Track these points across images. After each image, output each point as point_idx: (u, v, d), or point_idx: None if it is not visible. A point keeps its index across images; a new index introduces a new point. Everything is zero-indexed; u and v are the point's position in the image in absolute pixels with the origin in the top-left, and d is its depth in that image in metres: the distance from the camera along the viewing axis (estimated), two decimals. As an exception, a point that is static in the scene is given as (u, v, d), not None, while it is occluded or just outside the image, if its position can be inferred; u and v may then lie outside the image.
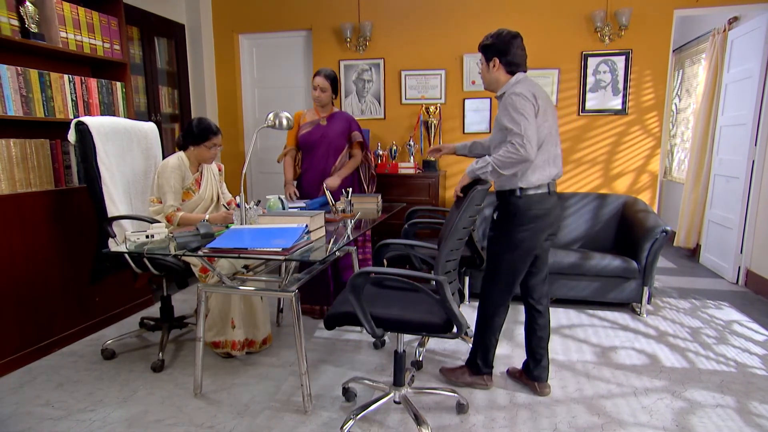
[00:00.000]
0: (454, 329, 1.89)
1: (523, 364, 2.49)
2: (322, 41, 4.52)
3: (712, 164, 4.68)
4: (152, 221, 2.59)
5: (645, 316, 3.42)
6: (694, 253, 5.14)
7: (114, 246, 2.61)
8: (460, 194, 2.15)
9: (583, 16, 4.02)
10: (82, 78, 3.07)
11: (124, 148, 2.92)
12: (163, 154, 3.14)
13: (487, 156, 2.15)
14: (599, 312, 3.50)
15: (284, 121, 2.53)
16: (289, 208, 2.88)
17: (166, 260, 2.60)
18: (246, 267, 2.73)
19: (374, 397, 2.25)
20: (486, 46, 2.28)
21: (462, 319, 1.86)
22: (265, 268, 2.84)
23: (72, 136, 2.70)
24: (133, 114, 3.43)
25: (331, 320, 2.00)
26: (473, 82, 4.24)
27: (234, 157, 4.88)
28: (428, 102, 4.34)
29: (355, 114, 4.54)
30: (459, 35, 4.22)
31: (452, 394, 2.30)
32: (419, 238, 3.22)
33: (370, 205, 3.17)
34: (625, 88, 4.03)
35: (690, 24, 5.48)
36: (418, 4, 4.29)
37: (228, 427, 2.13)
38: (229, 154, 4.90)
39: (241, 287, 2.37)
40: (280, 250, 1.97)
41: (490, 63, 2.27)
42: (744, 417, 2.22)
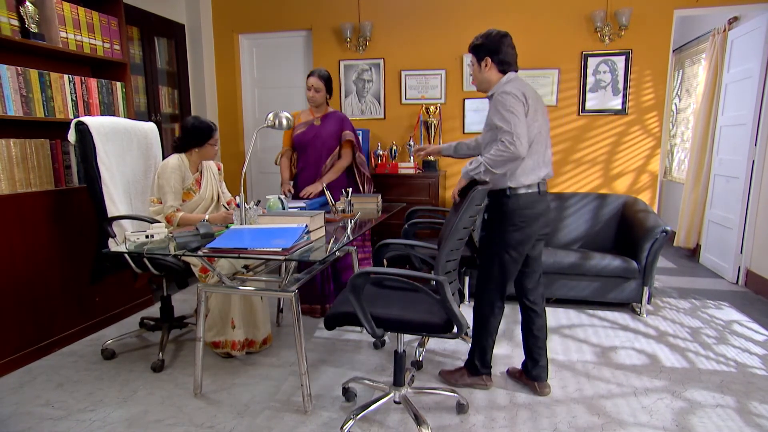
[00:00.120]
0: (454, 329, 1.89)
1: (522, 365, 2.49)
2: (322, 41, 4.52)
3: (712, 164, 4.68)
4: (152, 221, 2.59)
5: (645, 316, 3.42)
6: (694, 253, 5.14)
7: (114, 246, 2.61)
8: (458, 198, 2.15)
9: (583, 16, 4.02)
10: (82, 78, 3.07)
11: (124, 148, 2.92)
12: (163, 154, 3.14)
13: (479, 156, 2.15)
14: (599, 312, 3.50)
15: (284, 121, 2.54)
16: (289, 208, 2.88)
17: (166, 260, 2.60)
18: (246, 267, 2.73)
19: (374, 397, 2.25)
20: (477, 47, 2.29)
21: (462, 319, 1.86)
22: (265, 268, 2.84)
23: (72, 136, 2.70)
24: (133, 114, 3.43)
25: (331, 320, 2.00)
26: (473, 82, 4.23)
27: (234, 157, 4.88)
28: (428, 102, 4.34)
29: (355, 114, 4.55)
30: (459, 35, 4.22)
31: (452, 394, 2.30)
32: (419, 238, 3.22)
33: (370, 205, 3.17)
34: (625, 88, 4.03)
35: (690, 24, 5.48)
36: (418, 4, 4.29)
37: (228, 427, 2.13)
38: (229, 154, 4.90)
39: (241, 287, 2.37)
40: (280, 250, 1.97)
41: (482, 63, 2.29)
42: (744, 417, 2.22)
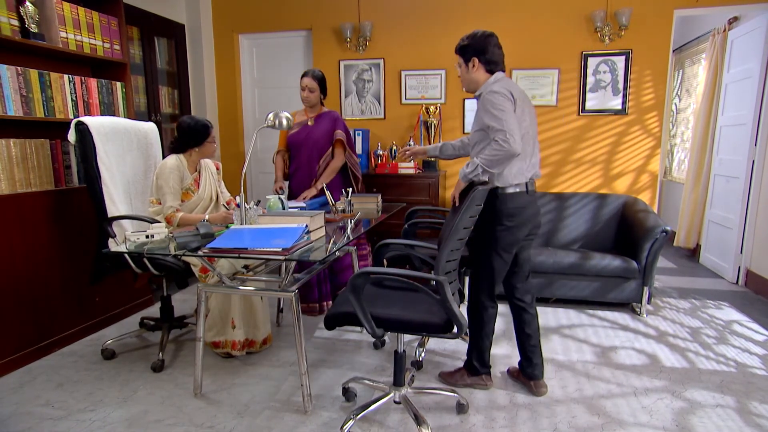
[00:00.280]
0: (455, 329, 1.89)
1: (519, 364, 2.50)
2: (322, 41, 4.52)
3: (712, 164, 4.68)
4: (152, 221, 2.59)
5: (645, 316, 3.42)
6: (694, 253, 5.14)
7: (114, 246, 2.61)
8: (457, 201, 2.14)
9: (583, 16, 4.02)
10: (82, 78, 3.07)
11: (124, 148, 2.92)
12: (163, 154, 3.14)
13: (475, 158, 2.15)
14: (599, 312, 3.50)
15: (284, 121, 2.54)
16: (290, 208, 2.88)
17: (166, 260, 2.60)
18: (246, 267, 2.73)
19: (374, 397, 2.25)
20: (463, 48, 2.30)
21: (462, 319, 1.86)
22: (265, 268, 2.84)
23: (72, 136, 2.70)
24: (133, 114, 3.43)
25: (331, 320, 2.00)
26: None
27: (234, 157, 4.88)
28: (428, 102, 4.34)
29: (355, 114, 4.55)
30: (459, 35, 4.10)
31: (452, 394, 2.30)
32: (419, 238, 3.22)
33: (370, 205, 3.17)
34: (625, 88, 4.03)
35: (690, 24, 5.48)
36: (418, 4, 4.29)
37: (228, 427, 2.13)
38: (229, 154, 4.91)
39: (241, 287, 2.37)
40: (280, 250, 1.97)
41: (469, 63, 2.30)
42: (744, 417, 2.22)
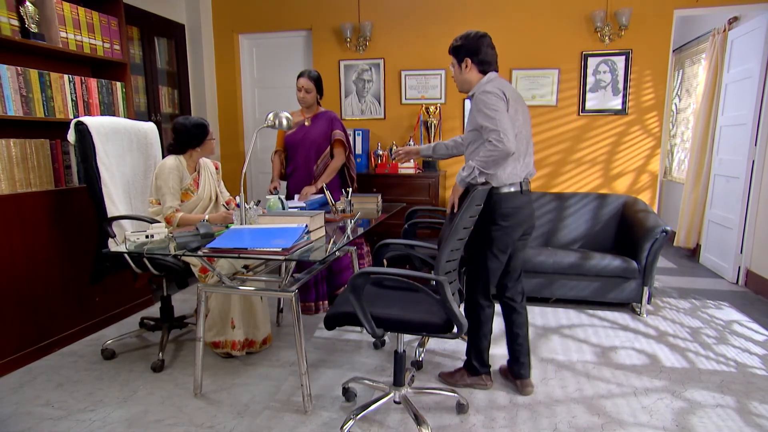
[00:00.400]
0: (455, 329, 1.89)
1: (507, 362, 2.50)
2: (322, 41, 4.52)
3: (712, 164, 4.68)
4: (152, 221, 2.59)
5: (645, 316, 3.42)
6: (694, 253, 5.14)
7: (114, 246, 2.61)
8: (456, 207, 2.13)
9: (583, 16, 4.02)
10: (82, 78, 3.07)
11: (124, 148, 2.92)
12: (163, 154, 3.14)
13: (471, 161, 2.15)
14: (599, 312, 3.50)
15: (284, 121, 2.54)
16: (290, 208, 2.88)
17: (166, 260, 2.60)
18: (246, 267, 2.73)
19: (374, 397, 2.25)
20: (456, 48, 2.29)
21: (462, 319, 1.86)
22: (265, 268, 2.84)
23: (72, 136, 2.70)
24: (133, 114, 3.43)
25: (331, 320, 2.00)
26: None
27: (234, 157, 4.88)
28: (428, 102, 4.34)
29: (355, 114, 4.55)
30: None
31: (452, 394, 2.30)
32: (419, 238, 3.22)
33: (370, 205, 3.17)
34: (625, 88, 4.03)
35: (690, 24, 5.48)
36: (418, 4, 4.29)
37: (228, 427, 2.13)
38: (229, 154, 4.90)
39: (241, 287, 2.37)
40: (280, 250, 1.97)
41: (462, 64, 2.29)
42: (744, 417, 2.22)
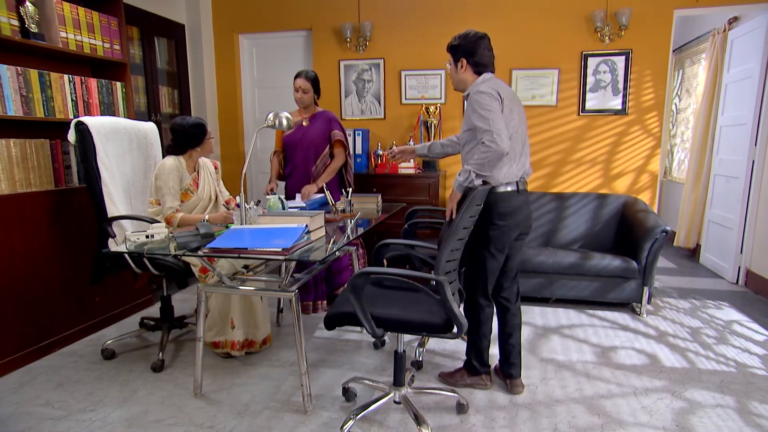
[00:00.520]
0: (455, 329, 1.89)
1: (499, 361, 2.51)
2: (322, 41, 4.52)
3: (712, 164, 4.68)
4: (152, 221, 2.59)
5: (645, 316, 3.42)
6: (694, 253, 5.14)
7: (114, 246, 2.61)
8: (455, 214, 2.10)
9: (583, 16, 4.02)
10: (82, 78, 3.07)
11: (124, 148, 2.92)
12: (163, 155, 3.14)
13: (466, 165, 2.16)
14: (599, 312, 3.50)
15: (284, 121, 2.54)
16: (290, 208, 2.87)
17: (166, 260, 2.60)
18: (246, 267, 2.73)
19: (374, 397, 2.25)
20: (453, 47, 2.29)
21: (462, 319, 1.86)
22: (265, 268, 2.84)
23: (72, 136, 2.70)
24: (133, 114, 3.43)
25: (331, 320, 2.00)
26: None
27: (234, 157, 4.88)
28: (428, 102, 4.34)
29: (355, 114, 4.55)
30: None
31: (452, 394, 2.30)
32: (419, 238, 3.22)
33: (370, 205, 3.17)
34: (625, 88, 4.03)
35: (690, 24, 5.48)
36: (418, 4, 4.29)
37: (228, 427, 2.13)
38: (229, 154, 4.90)
39: (241, 287, 2.37)
40: (280, 250, 1.97)
41: (458, 64, 2.29)
42: (744, 417, 2.22)
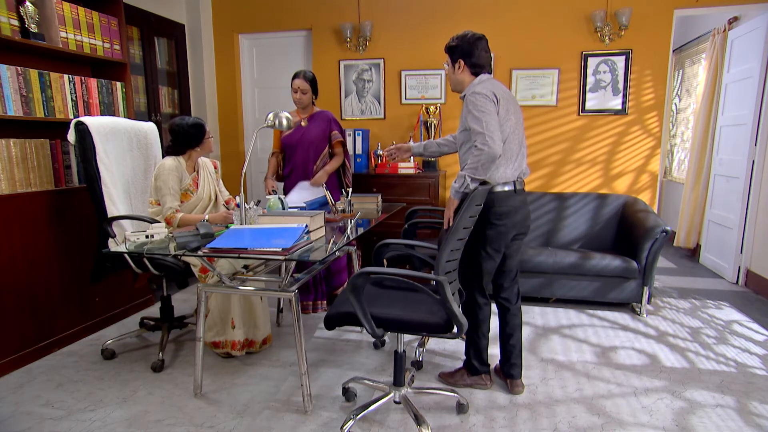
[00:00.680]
0: (455, 329, 1.89)
1: (499, 361, 2.51)
2: (322, 41, 4.52)
3: (712, 164, 4.68)
4: (152, 221, 2.59)
5: (645, 316, 3.42)
6: (694, 253, 5.14)
7: (114, 246, 2.61)
8: (452, 221, 2.09)
9: (583, 16, 4.02)
10: (82, 78, 3.07)
11: (124, 148, 2.92)
12: (163, 155, 3.14)
13: (461, 171, 2.16)
14: (599, 312, 3.50)
15: (284, 121, 2.54)
16: (290, 208, 2.87)
17: (166, 260, 2.60)
18: (246, 267, 2.73)
19: (374, 397, 2.25)
20: (451, 48, 2.30)
21: (462, 319, 1.86)
22: (265, 268, 2.84)
23: (72, 136, 2.70)
24: (133, 114, 3.42)
25: (331, 320, 2.00)
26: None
27: (234, 157, 4.88)
28: (428, 102, 4.34)
29: (355, 114, 4.55)
30: None
31: (452, 394, 2.30)
32: (419, 238, 3.22)
33: (370, 205, 3.17)
34: (625, 88, 4.03)
35: (690, 24, 5.48)
36: (419, 4, 4.29)
37: (228, 427, 2.13)
38: (229, 154, 4.90)
39: (241, 287, 2.37)
40: (280, 250, 1.97)
41: (456, 65, 2.29)
42: (744, 417, 2.22)
